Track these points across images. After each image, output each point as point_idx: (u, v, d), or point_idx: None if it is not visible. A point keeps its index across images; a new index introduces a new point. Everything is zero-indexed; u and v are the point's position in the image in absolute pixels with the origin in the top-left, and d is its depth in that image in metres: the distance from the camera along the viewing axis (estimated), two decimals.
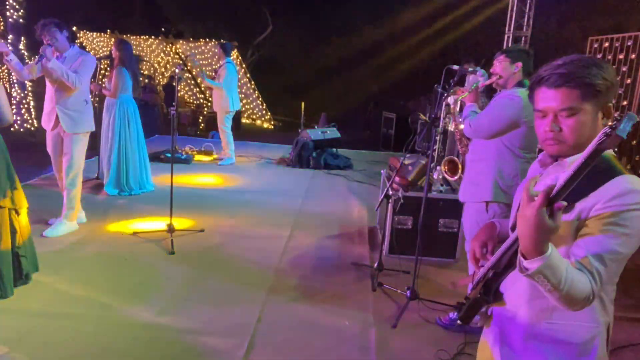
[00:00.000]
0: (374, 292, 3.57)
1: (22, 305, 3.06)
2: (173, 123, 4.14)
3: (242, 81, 12.47)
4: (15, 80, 8.26)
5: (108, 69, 9.60)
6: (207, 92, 12.38)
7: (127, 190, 5.46)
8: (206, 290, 3.45)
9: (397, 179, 4.04)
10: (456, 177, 3.12)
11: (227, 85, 7.22)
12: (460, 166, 3.08)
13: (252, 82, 12.32)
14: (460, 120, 3.12)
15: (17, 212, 3.16)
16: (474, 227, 2.93)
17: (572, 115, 1.26)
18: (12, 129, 7.89)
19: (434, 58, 12.70)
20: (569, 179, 1.00)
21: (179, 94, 11.33)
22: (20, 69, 3.97)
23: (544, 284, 1.11)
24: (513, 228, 1.45)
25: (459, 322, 1.51)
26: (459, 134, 3.13)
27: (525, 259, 1.12)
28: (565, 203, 1.04)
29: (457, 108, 3.28)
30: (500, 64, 2.86)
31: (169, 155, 6.17)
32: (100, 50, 14.48)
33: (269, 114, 12.74)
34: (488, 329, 1.52)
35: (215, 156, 7.86)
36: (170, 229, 4.18)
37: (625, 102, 5.90)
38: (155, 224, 4.59)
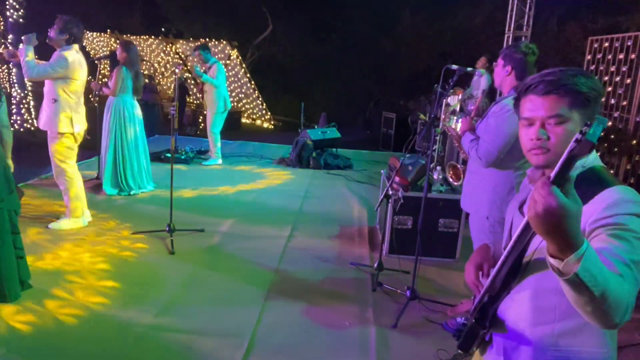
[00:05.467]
0: (374, 292, 3.57)
1: (22, 305, 3.06)
2: (173, 123, 4.14)
3: (242, 81, 12.46)
4: (15, 80, 8.26)
5: (108, 69, 9.66)
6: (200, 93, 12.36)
7: (127, 189, 5.46)
8: (206, 291, 3.45)
9: (397, 179, 4.04)
10: (458, 183, 3.07)
11: (220, 84, 7.16)
12: (461, 173, 3.01)
13: (252, 82, 12.31)
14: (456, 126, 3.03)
15: (16, 213, 3.17)
16: (479, 235, 2.92)
17: (561, 123, 1.22)
18: (11, 128, 7.88)
19: (434, 58, 12.69)
20: (558, 172, 0.94)
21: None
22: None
23: (592, 286, 0.93)
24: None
25: (460, 351, 1.42)
26: (456, 142, 3.03)
27: (561, 260, 0.95)
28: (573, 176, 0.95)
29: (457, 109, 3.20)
30: (497, 67, 2.78)
31: (169, 155, 6.17)
32: (101, 50, 14.49)
33: (269, 114, 12.73)
34: (485, 355, 1.44)
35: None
36: (170, 229, 4.18)
37: (625, 102, 5.89)
38: (155, 223, 4.59)
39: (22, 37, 3.96)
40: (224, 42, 11.71)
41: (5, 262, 3.02)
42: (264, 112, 12.75)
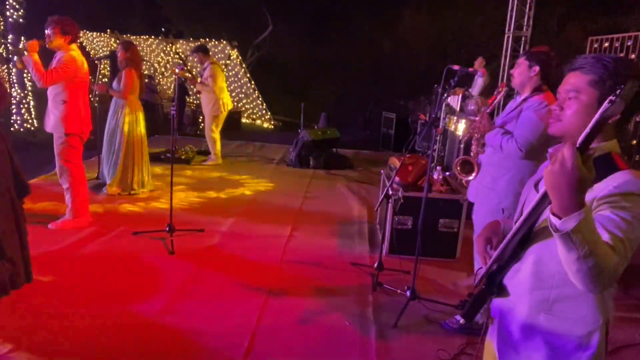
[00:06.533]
0: (374, 292, 3.57)
1: (22, 305, 3.06)
2: (173, 123, 4.14)
3: (242, 81, 12.46)
4: (15, 80, 8.26)
5: (109, 69, 9.65)
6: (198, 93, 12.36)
7: (128, 189, 5.46)
8: (206, 291, 3.45)
9: (397, 179, 4.04)
10: (471, 178, 3.09)
11: (219, 88, 7.12)
12: (476, 167, 3.04)
13: (252, 82, 12.31)
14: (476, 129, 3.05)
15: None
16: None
17: (576, 97, 1.31)
18: (12, 129, 7.89)
19: (434, 58, 12.69)
20: (587, 134, 1.01)
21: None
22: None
23: (581, 246, 1.02)
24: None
25: (462, 320, 1.52)
26: (480, 135, 3.06)
27: (560, 219, 1.04)
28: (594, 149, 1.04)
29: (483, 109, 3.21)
30: (519, 67, 2.83)
31: (169, 155, 6.17)
32: (100, 50, 14.48)
33: (269, 114, 12.73)
34: (492, 327, 1.53)
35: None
36: (171, 229, 4.18)
37: None
38: (155, 223, 4.59)
39: (25, 44, 3.96)
40: (224, 42, 11.71)
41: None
42: (264, 112, 12.75)
